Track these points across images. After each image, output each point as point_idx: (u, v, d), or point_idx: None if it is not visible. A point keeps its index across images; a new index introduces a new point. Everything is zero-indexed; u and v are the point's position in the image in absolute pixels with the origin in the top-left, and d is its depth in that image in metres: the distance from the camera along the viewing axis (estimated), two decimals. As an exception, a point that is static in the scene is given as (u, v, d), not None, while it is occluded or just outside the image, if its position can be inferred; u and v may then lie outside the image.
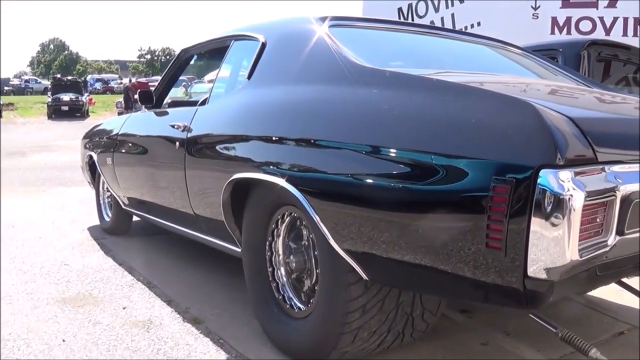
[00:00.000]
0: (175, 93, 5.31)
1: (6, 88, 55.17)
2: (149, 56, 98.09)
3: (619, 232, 2.04)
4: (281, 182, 2.80)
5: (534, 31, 10.16)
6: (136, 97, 4.99)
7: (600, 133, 2.11)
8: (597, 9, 10.29)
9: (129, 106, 24.13)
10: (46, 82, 53.39)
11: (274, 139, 2.99)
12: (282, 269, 3.18)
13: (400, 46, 3.77)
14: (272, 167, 2.92)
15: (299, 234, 3.05)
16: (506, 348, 3.25)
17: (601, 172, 1.99)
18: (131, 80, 34.66)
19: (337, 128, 2.67)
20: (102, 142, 5.75)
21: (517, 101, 2.19)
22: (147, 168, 4.60)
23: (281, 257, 3.18)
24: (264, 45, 3.57)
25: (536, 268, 1.93)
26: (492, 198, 1.98)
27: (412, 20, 11.62)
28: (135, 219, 5.74)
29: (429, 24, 10.78)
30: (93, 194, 6.48)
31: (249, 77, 3.54)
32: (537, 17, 10.69)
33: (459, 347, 3.26)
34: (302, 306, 3.05)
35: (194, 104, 4.19)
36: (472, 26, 10.97)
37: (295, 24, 3.62)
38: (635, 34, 9.92)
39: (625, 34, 10.01)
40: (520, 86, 3.16)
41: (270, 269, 3.21)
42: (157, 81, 5.29)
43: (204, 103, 3.98)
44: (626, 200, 2.02)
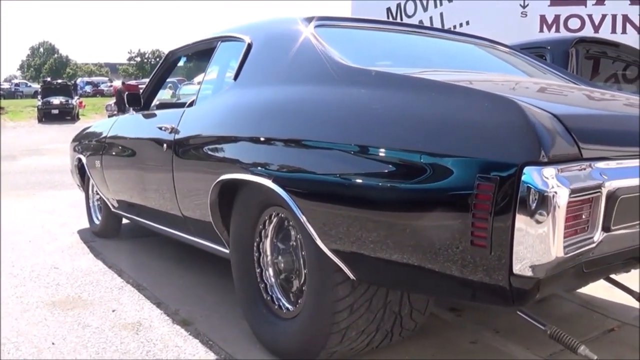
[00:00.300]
0: (164, 95, 5.29)
1: (-4, 92, 54.91)
2: (138, 59, 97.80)
3: (605, 228, 2.04)
4: (268, 182, 2.79)
5: (522, 29, 10.17)
6: None
7: (585, 130, 2.11)
8: (586, 6, 10.33)
9: (121, 109, 24.03)
10: (36, 86, 53.02)
11: (260, 139, 3.00)
12: (270, 270, 3.18)
13: (387, 46, 3.77)
14: (258, 167, 2.92)
15: (287, 234, 3.05)
16: (495, 346, 3.25)
17: (586, 169, 1.99)
18: (124, 83, 34.51)
19: (322, 128, 2.67)
20: (91, 145, 5.74)
21: (501, 98, 2.18)
22: (136, 170, 4.59)
23: (269, 257, 3.18)
24: (250, 46, 3.57)
25: (522, 265, 1.93)
26: (477, 196, 1.98)
27: (401, 20, 11.63)
28: (125, 221, 5.73)
29: (417, 23, 10.80)
30: (83, 197, 6.47)
31: (235, 78, 3.54)
32: (526, 16, 10.72)
33: (448, 346, 3.26)
34: (290, 307, 3.04)
35: (181, 105, 4.19)
36: (461, 25, 11.00)
37: (281, 24, 3.62)
38: (624, 31, 9.95)
39: (614, 31, 10.04)
40: (505, 84, 3.16)
41: (258, 270, 3.21)
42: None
43: (191, 105, 3.98)
44: (612, 197, 2.02)
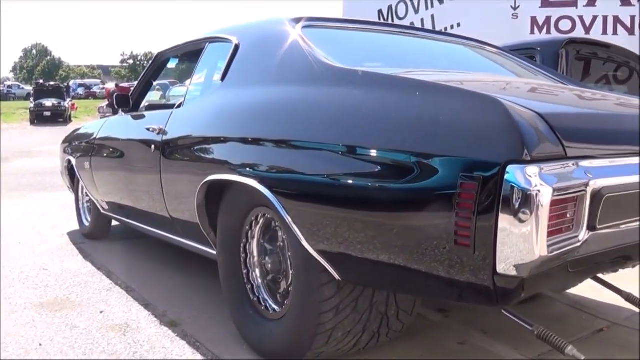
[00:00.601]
0: (153, 96, 5.28)
1: (-11, 94, 54.78)
2: (131, 61, 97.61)
3: (591, 227, 2.03)
4: (253, 183, 2.79)
5: (513, 31, 10.17)
6: None
7: (570, 128, 2.11)
8: (577, 8, 10.32)
9: (115, 112, 23.96)
10: (29, 88, 52.93)
11: (245, 140, 3.00)
12: (257, 271, 3.18)
13: (374, 46, 3.78)
14: (244, 168, 2.92)
15: (274, 235, 3.05)
16: (483, 347, 3.25)
17: (570, 167, 1.99)
18: (117, 85, 34.44)
19: (307, 129, 2.68)
20: (81, 147, 5.74)
21: (484, 97, 2.18)
22: (125, 172, 4.58)
23: (256, 258, 3.18)
24: (237, 47, 3.57)
25: (505, 265, 1.92)
26: (460, 195, 1.98)
27: (392, 22, 11.63)
28: (115, 223, 5.72)
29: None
30: (73, 199, 6.45)
31: (222, 79, 3.54)
32: (517, 17, 10.72)
33: (436, 347, 3.26)
34: (277, 307, 3.04)
35: (170, 107, 4.18)
36: (452, 27, 11.00)
37: (268, 25, 3.62)
38: (615, 32, 9.96)
39: (605, 32, 10.04)
40: (491, 84, 3.17)
41: (245, 271, 3.20)
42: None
43: (179, 106, 3.98)
44: (597, 196, 2.01)
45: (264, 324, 3.06)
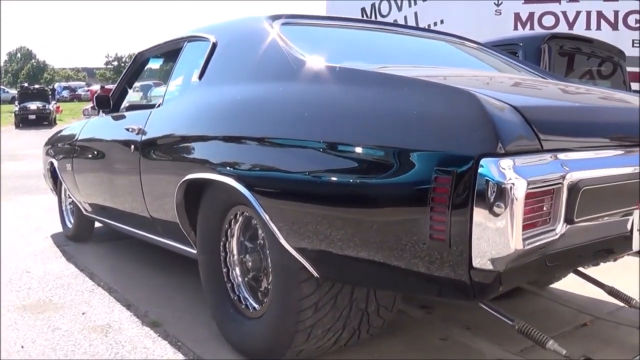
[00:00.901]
0: (134, 97, 5.27)
1: (-26, 98, 54.50)
2: (116, 63, 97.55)
3: (568, 220, 2.02)
4: (230, 181, 2.78)
5: (497, 27, 10.18)
6: None
7: (547, 121, 2.10)
8: (560, 3, 10.33)
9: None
10: (13, 92, 52.68)
11: (222, 138, 2.99)
12: (237, 269, 3.17)
13: (353, 43, 3.76)
14: (221, 167, 2.91)
15: (254, 233, 3.03)
16: (466, 343, 3.25)
17: (546, 160, 1.98)
18: (103, 87, 34.30)
19: (281, 125, 2.66)
20: (62, 149, 5.72)
21: (458, 91, 2.17)
22: (105, 173, 4.56)
23: (236, 257, 3.17)
24: (214, 46, 3.55)
25: (481, 259, 1.91)
26: (434, 189, 1.96)
27: (376, 19, 11.63)
28: (98, 224, 5.69)
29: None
30: (56, 201, 6.44)
31: (200, 77, 3.52)
32: (500, 14, 10.73)
33: (418, 343, 3.26)
34: (257, 306, 3.03)
35: (150, 107, 4.16)
36: (435, 24, 11.00)
37: (246, 23, 3.61)
38: (599, 28, 9.98)
39: (588, 27, 10.05)
40: (469, 78, 3.17)
41: (225, 270, 3.19)
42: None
43: (158, 106, 3.96)
44: (574, 188, 2.00)
45: (245, 322, 3.05)
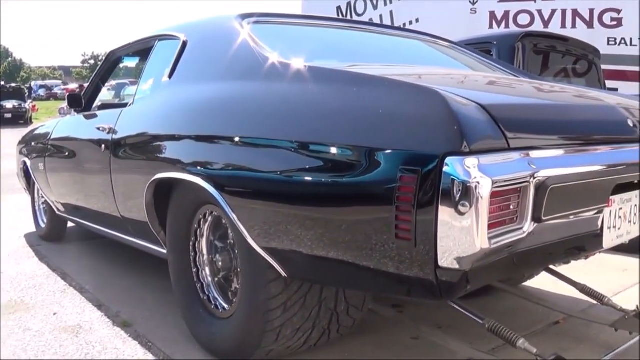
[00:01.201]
0: (107, 96, 5.24)
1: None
2: (92, 61, 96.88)
3: (536, 219, 2.01)
4: (198, 181, 2.77)
5: (472, 26, 10.26)
6: None
7: (514, 119, 2.10)
8: (535, 2, 10.39)
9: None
10: (-11, 90, 52.36)
11: (190, 137, 2.98)
12: (207, 269, 3.15)
13: (324, 41, 3.75)
14: (190, 166, 2.89)
15: (224, 233, 3.02)
16: (437, 342, 3.21)
17: (513, 159, 1.97)
18: (82, 86, 34.06)
19: (248, 125, 2.65)
20: (35, 148, 5.68)
21: (423, 89, 2.15)
22: (77, 172, 4.54)
23: (205, 257, 3.16)
24: (184, 44, 3.54)
25: (447, 258, 1.90)
26: (400, 188, 1.95)
27: (351, 18, 11.64)
28: (71, 224, 5.66)
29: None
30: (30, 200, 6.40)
31: (170, 76, 3.51)
32: (475, 12, 10.79)
33: (389, 343, 3.26)
34: (226, 306, 3.02)
35: (121, 106, 4.15)
36: (411, 23, 11.05)
37: (216, 22, 3.59)
38: (574, 26, 10.03)
39: (563, 26, 10.12)
40: (438, 77, 3.16)
41: (194, 270, 3.18)
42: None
43: (129, 105, 3.94)
44: (542, 187, 1.99)
45: (214, 322, 3.04)
